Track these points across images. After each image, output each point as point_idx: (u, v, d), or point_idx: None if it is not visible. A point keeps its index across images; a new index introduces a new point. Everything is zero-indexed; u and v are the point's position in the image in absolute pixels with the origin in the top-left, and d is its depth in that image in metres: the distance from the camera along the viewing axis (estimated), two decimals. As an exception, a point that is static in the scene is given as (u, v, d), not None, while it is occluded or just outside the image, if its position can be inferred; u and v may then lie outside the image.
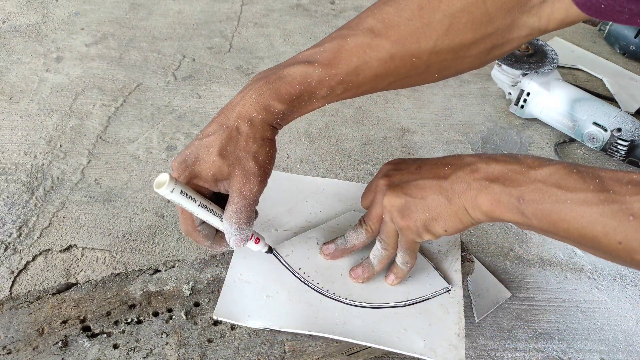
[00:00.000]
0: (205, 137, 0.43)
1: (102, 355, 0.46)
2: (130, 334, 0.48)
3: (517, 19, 0.43)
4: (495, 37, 0.44)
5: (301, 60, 0.43)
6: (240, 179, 0.42)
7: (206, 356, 0.47)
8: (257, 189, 0.43)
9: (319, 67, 0.43)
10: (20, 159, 0.73)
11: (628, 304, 0.60)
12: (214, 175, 0.43)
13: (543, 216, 0.39)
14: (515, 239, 0.66)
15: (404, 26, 0.43)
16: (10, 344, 0.46)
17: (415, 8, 0.42)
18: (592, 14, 0.40)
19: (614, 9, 0.38)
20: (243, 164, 0.42)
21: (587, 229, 0.37)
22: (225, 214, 0.44)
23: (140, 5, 1.07)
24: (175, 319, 0.49)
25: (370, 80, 0.44)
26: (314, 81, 0.43)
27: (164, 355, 0.46)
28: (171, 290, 0.52)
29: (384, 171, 0.50)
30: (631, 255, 0.36)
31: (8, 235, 0.63)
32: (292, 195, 0.61)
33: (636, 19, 0.38)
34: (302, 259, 0.54)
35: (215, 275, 0.53)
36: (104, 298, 0.50)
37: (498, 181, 0.41)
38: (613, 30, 0.99)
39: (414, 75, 0.46)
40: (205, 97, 0.86)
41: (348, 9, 1.10)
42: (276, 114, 0.43)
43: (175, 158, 0.45)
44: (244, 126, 0.42)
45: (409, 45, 0.43)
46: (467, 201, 0.42)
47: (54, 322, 0.48)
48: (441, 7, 0.42)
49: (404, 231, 0.46)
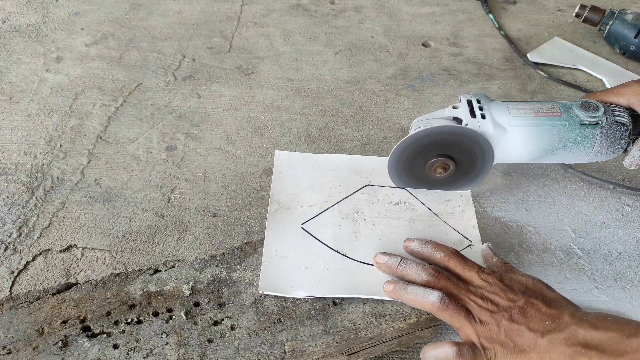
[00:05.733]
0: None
1: (102, 355, 0.46)
2: (130, 334, 0.48)
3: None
4: None
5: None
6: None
7: (206, 356, 0.47)
8: None
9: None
10: (20, 159, 0.73)
11: (628, 304, 0.60)
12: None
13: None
14: (515, 239, 0.66)
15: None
16: (10, 344, 0.46)
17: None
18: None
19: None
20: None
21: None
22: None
23: (140, 5, 1.07)
24: (175, 319, 0.49)
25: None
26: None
27: (164, 355, 0.46)
28: (171, 290, 0.52)
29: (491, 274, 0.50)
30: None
31: (8, 235, 0.63)
32: (310, 173, 0.65)
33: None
34: (333, 233, 0.58)
35: (215, 275, 0.53)
36: (104, 298, 0.50)
37: (596, 349, 0.40)
38: (613, 30, 0.99)
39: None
40: (205, 97, 0.86)
41: (348, 9, 1.10)
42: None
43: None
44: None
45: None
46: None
47: (54, 322, 0.48)
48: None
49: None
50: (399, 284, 0.50)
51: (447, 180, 0.62)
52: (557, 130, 0.57)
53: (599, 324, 0.42)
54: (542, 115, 0.57)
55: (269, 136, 0.79)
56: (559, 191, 0.73)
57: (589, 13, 1.00)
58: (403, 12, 1.10)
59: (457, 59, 0.98)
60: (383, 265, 0.53)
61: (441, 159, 0.59)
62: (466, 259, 0.52)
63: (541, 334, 0.43)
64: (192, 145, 0.77)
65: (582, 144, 0.58)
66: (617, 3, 1.15)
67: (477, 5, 1.13)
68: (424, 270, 0.50)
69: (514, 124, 0.57)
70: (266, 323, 0.50)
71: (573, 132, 0.57)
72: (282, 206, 0.60)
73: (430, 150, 0.59)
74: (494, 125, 0.57)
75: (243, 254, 0.56)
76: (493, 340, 0.45)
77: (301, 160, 0.67)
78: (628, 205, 0.71)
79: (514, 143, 0.58)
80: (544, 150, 0.58)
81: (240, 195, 0.70)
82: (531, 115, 0.57)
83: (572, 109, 0.58)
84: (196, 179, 0.72)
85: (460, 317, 0.47)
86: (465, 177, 0.62)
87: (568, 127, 0.57)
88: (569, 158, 0.60)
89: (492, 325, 0.46)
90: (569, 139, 0.57)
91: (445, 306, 0.47)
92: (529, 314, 0.45)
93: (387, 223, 0.59)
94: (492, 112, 0.58)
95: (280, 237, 0.57)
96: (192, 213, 0.67)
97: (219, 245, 0.64)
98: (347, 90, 0.89)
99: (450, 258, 0.52)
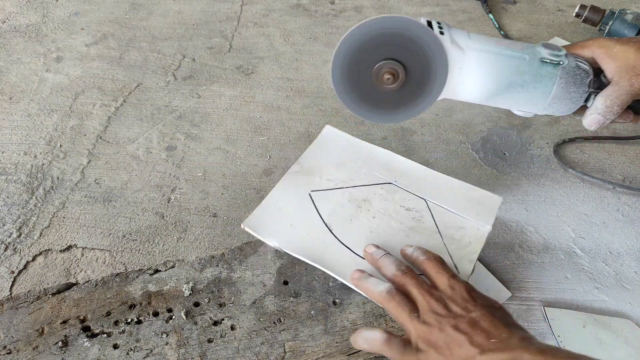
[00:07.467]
0: None
1: (102, 355, 0.46)
2: (130, 334, 0.48)
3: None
4: None
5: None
6: None
7: (206, 356, 0.47)
8: None
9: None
10: (20, 159, 0.73)
11: (628, 304, 0.60)
12: None
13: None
14: (515, 239, 0.66)
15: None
16: (10, 344, 0.46)
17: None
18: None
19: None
20: None
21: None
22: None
23: (140, 5, 1.07)
24: (175, 319, 0.49)
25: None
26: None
27: (164, 355, 0.46)
28: (171, 290, 0.52)
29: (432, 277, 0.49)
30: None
31: (8, 235, 0.63)
32: (345, 154, 0.66)
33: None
34: (332, 209, 0.59)
35: (215, 275, 0.53)
36: (104, 298, 0.50)
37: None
38: (613, 30, 0.98)
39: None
40: (205, 97, 0.86)
41: (348, 9, 1.10)
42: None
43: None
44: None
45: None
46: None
47: (54, 322, 0.48)
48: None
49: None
50: (364, 274, 0.51)
51: (396, 97, 0.56)
52: (517, 62, 0.54)
53: (549, 351, 0.39)
54: (503, 45, 0.55)
55: (269, 136, 0.79)
56: (559, 191, 0.73)
57: (589, 13, 1.00)
58: (403, 12, 1.10)
59: (457, 59, 0.97)
60: (369, 255, 0.53)
61: (391, 62, 0.53)
62: (444, 266, 0.51)
63: (481, 350, 0.41)
64: (192, 145, 0.77)
65: (540, 83, 0.55)
66: (617, 3, 1.15)
67: (477, 5, 1.13)
68: (395, 264, 0.50)
69: (473, 47, 0.54)
70: (266, 323, 0.50)
71: (533, 67, 0.55)
72: (303, 170, 0.63)
73: (378, 50, 0.53)
74: (451, 41, 0.53)
75: (243, 254, 0.56)
76: (430, 343, 0.44)
77: (345, 141, 0.68)
78: (628, 205, 0.71)
79: (470, 68, 0.54)
80: (500, 84, 0.55)
81: (240, 195, 0.70)
82: (492, 43, 0.55)
83: (534, 47, 0.56)
84: (196, 179, 0.72)
85: (403, 312, 0.46)
86: (414, 95, 0.56)
87: (528, 60, 0.54)
88: (525, 100, 0.57)
89: (434, 328, 0.44)
90: (528, 74, 0.55)
91: (391, 297, 0.47)
92: (478, 328, 0.43)
93: (386, 222, 0.59)
94: (451, 33, 0.55)
95: (286, 193, 0.60)
96: (192, 213, 0.67)
97: (219, 245, 0.64)
98: (347, 90, 0.89)
99: (429, 261, 0.51)
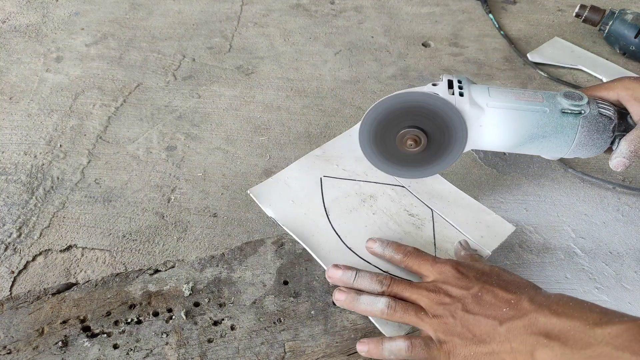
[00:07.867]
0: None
1: (102, 355, 0.46)
2: (130, 334, 0.48)
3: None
4: None
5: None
6: None
7: (206, 356, 0.47)
8: None
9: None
10: (20, 159, 0.73)
11: (628, 304, 0.60)
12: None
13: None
14: (515, 239, 0.66)
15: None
16: (10, 344, 0.46)
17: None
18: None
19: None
20: None
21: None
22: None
23: (140, 5, 1.07)
24: (175, 319, 0.49)
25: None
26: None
27: (164, 355, 0.46)
28: (171, 290, 0.52)
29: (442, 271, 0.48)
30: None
31: (8, 235, 0.63)
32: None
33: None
34: (336, 197, 0.60)
35: (215, 275, 0.53)
36: (104, 298, 0.50)
37: (558, 340, 0.38)
38: (613, 30, 0.99)
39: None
40: (205, 97, 0.86)
41: (348, 9, 1.10)
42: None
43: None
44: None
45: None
46: (520, 355, 0.40)
47: (54, 322, 0.48)
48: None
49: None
50: (351, 294, 0.49)
51: (419, 157, 0.60)
52: (537, 116, 0.55)
53: (561, 310, 0.40)
54: (522, 100, 0.56)
55: (269, 136, 0.79)
56: (559, 191, 0.73)
57: (589, 13, 1.00)
58: (403, 12, 1.10)
59: (457, 59, 0.98)
60: (338, 280, 0.50)
61: (413, 129, 0.57)
62: (422, 254, 0.51)
63: (499, 322, 0.42)
64: (192, 145, 0.77)
65: (562, 133, 0.56)
66: (617, 3, 1.15)
67: (477, 5, 1.13)
68: (377, 282, 0.49)
69: (492, 104, 0.56)
70: (266, 323, 0.50)
71: (553, 119, 0.55)
72: (324, 155, 0.65)
73: (402, 119, 0.57)
74: (470, 103, 0.55)
75: (243, 254, 0.56)
76: (450, 332, 0.44)
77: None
78: (628, 205, 0.71)
79: (490, 125, 0.56)
80: (522, 137, 0.57)
81: (240, 195, 0.70)
82: (511, 98, 0.56)
83: (554, 97, 0.57)
84: (196, 179, 0.72)
85: (410, 317, 0.46)
86: (437, 155, 0.60)
87: (548, 113, 0.55)
88: (549, 148, 0.58)
89: (447, 317, 0.44)
90: (549, 126, 0.56)
91: (393, 310, 0.47)
92: (485, 302, 0.44)
93: (385, 221, 0.58)
94: (471, 91, 0.56)
95: (299, 172, 0.62)
96: (192, 213, 0.67)
97: (219, 245, 0.64)
98: (347, 90, 0.89)
99: (408, 258, 0.51)
